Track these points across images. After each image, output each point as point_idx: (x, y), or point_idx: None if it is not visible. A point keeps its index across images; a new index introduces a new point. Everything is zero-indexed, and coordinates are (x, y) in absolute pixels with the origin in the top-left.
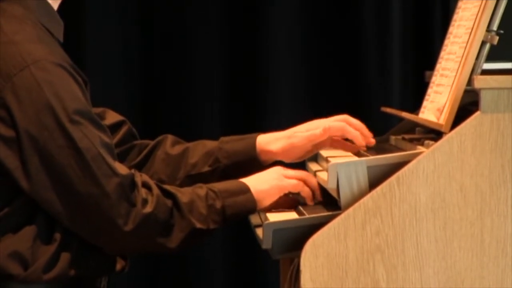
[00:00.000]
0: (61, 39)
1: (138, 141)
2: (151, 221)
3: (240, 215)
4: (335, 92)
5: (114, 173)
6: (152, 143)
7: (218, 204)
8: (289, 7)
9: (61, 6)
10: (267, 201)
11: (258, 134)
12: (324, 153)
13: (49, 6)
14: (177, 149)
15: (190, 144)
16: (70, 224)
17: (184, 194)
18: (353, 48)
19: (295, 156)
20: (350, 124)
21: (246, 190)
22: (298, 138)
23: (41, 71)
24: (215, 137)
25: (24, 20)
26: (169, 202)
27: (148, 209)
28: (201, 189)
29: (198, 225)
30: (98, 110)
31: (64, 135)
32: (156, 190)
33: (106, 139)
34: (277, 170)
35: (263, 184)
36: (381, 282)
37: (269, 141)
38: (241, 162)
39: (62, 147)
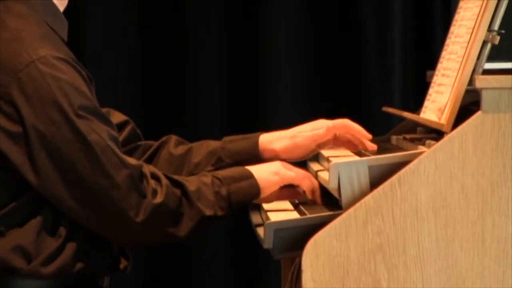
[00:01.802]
0: (66, 38)
1: (142, 142)
2: (161, 211)
3: (244, 201)
4: (336, 92)
5: (124, 164)
6: (156, 143)
7: (224, 191)
8: (289, 6)
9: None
10: (269, 190)
11: (261, 133)
12: (325, 153)
13: (53, 6)
14: (180, 149)
15: (193, 144)
16: (81, 218)
17: (191, 183)
18: (354, 48)
19: (298, 155)
20: (351, 129)
21: (249, 176)
22: (301, 138)
23: (46, 66)
24: (215, 138)
25: (28, 18)
26: (178, 192)
27: (158, 199)
28: (206, 177)
29: (207, 213)
30: (103, 110)
31: (72, 130)
32: (164, 180)
33: (113, 132)
34: (278, 163)
35: (265, 173)
36: (382, 281)
37: (272, 140)
38: (244, 161)
39: (71, 141)
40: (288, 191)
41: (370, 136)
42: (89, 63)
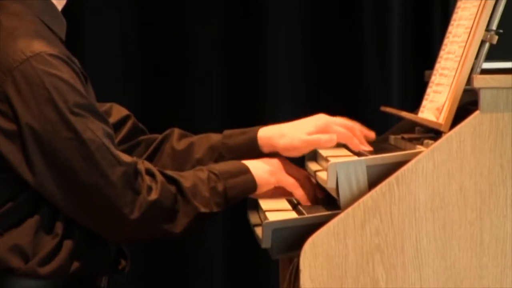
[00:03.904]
0: (64, 37)
1: (145, 136)
2: (156, 208)
3: (241, 196)
4: (335, 92)
5: (119, 162)
6: (158, 138)
7: (220, 187)
8: (289, 7)
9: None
10: (264, 188)
11: (260, 127)
12: (323, 152)
13: (52, 5)
14: (183, 144)
15: (195, 138)
16: (76, 216)
17: (186, 179)
18: (353, 48)
19: (296, 155)
20: (355, 136)
21: (246, 170)
22: (299, 141)
23: (41, 63)
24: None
25: (24, 16)
26: (173, 188)
27: (153, 196)
28: (202, 172)
29: (202, 209)
30: (106, 106)
31: (67, 128)
32: (159, 177)
33: (108, 130)
34: (276, 161)
35: (262, 170)
36: (381, 282)
37: (271, 136)
38: (244, 156)
39: (66, 139)
40: (283, 190)
41: (370, 148)
42: (88, 60)
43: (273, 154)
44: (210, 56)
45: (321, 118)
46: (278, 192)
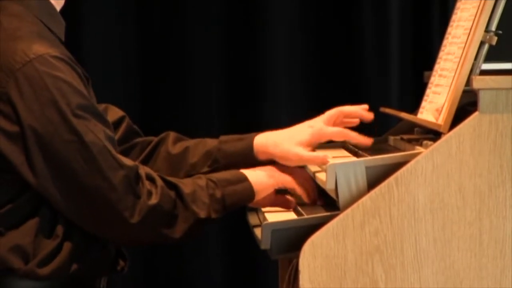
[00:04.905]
0: (63, 37)
1: (140, 139)
2: (156, 213)
3: (239, 204)
4: (335, 93)
5: (120, 165)
6: (154, 140)
7: (218, 194)
8: (288, 7)
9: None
10: (263, 193)
11: (256, 134)
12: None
13: (51, 5)
14: (178, 148)
15: (191, 143)
16: (76, 218)
17: (186, 185)
18: (352, 49)
19: (290, 164)
20: (346, 113)
21: (243, 179)
22: (294, 155)
23: (43, 65)
24: (213, 136)
25: (24, 17)
26: (172, 194)
27: (153, 201)
28: (200, 180)
29: (202, 215)
30: (101, 107)
31: (69, 130)
32: (159, 182)
33: (110, 132)
34: (274, 167)
35: (260, 176)
36: (380, 282)
37: (267, 145)
38: (239, 163)
39: (68, 141)
40: (282, 199)
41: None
42: (87, 60)
43: (269, 161)
44: (210, 56)
45: (316, 124)
46: (278, 201)
